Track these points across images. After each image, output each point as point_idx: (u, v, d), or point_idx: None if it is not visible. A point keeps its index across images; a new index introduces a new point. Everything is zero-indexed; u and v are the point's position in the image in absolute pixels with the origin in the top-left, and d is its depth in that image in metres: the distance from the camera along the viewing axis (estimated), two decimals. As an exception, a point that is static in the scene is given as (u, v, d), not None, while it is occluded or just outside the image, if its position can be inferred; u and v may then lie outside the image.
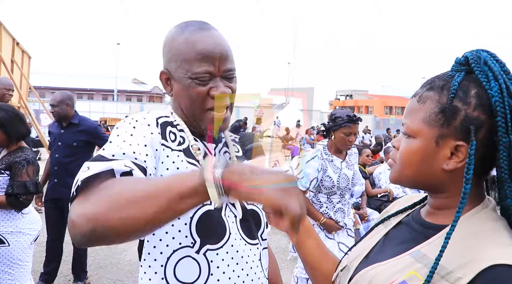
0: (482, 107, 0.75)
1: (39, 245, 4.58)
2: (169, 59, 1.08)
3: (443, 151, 0.78)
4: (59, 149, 3.60)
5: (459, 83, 0.77)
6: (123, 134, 0.95)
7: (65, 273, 4.00)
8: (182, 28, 1.07)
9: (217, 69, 1.04)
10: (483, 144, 0.75)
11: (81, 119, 3.70)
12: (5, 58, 6.89)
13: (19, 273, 2.54)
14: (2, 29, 6.94)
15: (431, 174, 0.81)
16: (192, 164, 1.05)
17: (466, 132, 0.75)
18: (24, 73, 8.36)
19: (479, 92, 0.76)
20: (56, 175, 3.59)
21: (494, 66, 0.76)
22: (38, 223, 2.69)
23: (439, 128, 0.78)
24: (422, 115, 0.80)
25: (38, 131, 8.18)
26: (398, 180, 0.86)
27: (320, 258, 1.02)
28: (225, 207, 1.07)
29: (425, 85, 0.83)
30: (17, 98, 6.93)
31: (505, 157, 0.73)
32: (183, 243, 1.00)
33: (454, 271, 0.70)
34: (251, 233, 1.12)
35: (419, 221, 0.87)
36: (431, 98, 0.80)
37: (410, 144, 0.82)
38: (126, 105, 33.65)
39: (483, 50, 0.79)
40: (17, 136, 2.57)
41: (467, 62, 0.79)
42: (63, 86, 35.02)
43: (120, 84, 45.21)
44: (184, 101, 1.08)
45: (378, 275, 0.81)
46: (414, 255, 0.79)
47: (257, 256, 1.12)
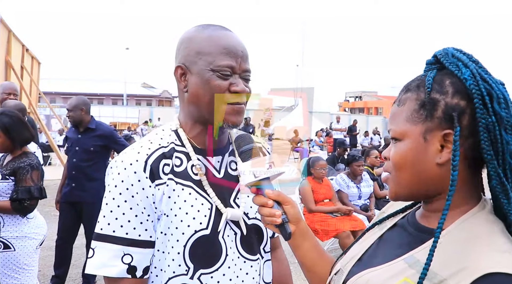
0: (459, 94, 0.75)
1: (49, 249, 4.62)
2: (186, 54, 1.07)
3: (433, 145, 0.77)
4: (76, 154, 3.66)
5: (433, 78, 0.79)
6: (114, 208, 1.01)
7: (73, 277, 4.02)
8: (204, 27, 1.09)
9: (238, 66, 1.05)
10: (470, 131, 0.75)
11: (97, 124, 3.78)
12: (14, 64, 6.99)
13: (25, 277, 2.55)
14: (12, 36, 7.04)
15: (427, 173, 0.78)
16: (186, 186, 1.05)
17: (450, 120, 0.75)
18: (34, 79, 8.46)
19: (453, 81, 0.77)
20: (74, 179, 3.65)
21: (462, 56, 0.78)
22: (44, 227, 2.70)
23: (423, 123, 0.77)
24: (404, 115, 0.80)
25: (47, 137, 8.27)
26: (395, 190, 0.83)
27: (315, 261, 1.01)
28: (224, 227, 1.07)
29: (402, 90, 0.84)
30: (27, 104, 7.01)
31: (486, 138, 0.73)
32: (177, 272, 1.03)
33: (448, 278, 0.68)
34: (252, 249, 1.12)
35: (414, 224, 0.85)
36: (410, 98, 0.80)
37: (399, 147, 0.81)
38: (135, 110, 33.93)
39: (449, 47, 0.81)
40: (21, 142, 2.59)
41: (437, 60, 0.81)
42: (73, 92, 35.36)
43: (130, 89, 45.57)
44: (202, 95, 1.05)
45: (371, 281, 0.79)
46: (407, 261, 0.77)
47: (258, 271, 1.13)
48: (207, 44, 1.05)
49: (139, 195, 1.01)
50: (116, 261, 0.99)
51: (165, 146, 1.08)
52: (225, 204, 1.08)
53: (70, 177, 3.68)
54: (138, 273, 1.01)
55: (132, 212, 1.01)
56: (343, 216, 4.66)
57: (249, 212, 1.12)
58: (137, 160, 1.02)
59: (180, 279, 1.03)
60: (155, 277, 1.05)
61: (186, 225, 1.02)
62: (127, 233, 1.00)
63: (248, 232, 1.11)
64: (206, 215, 1.04)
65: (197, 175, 1.07)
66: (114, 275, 0.99)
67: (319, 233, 4.53)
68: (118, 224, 1.00)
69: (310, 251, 1.01)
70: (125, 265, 1.00)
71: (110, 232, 1.00)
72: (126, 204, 1.01)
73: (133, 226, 1.01)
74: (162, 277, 1.04)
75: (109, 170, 1.07)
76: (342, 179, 5.13)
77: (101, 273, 1.00)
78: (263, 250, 1.16)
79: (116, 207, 1.01)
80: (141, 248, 1.01)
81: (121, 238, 1.00)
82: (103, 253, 1.00)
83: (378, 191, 5.50)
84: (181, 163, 1.07)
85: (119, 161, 1.04)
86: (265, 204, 0.96)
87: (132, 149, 1.07)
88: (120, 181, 1.01)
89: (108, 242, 1.00)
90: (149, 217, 1.02)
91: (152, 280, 1.05)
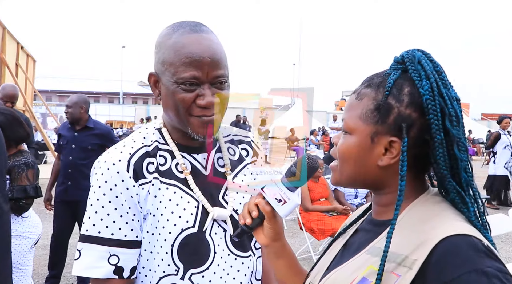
0: (414, 106, 0.77)
1: (44, 248, 4.60)
2: (156, 62, 1.05)
3: (378, 148, 0.80)
4: (73, 152, 3.64)
5: (394, 81, 0.79)
6: (99, 209, 1.01)
7: (68, 276, 4.01)
8: (173, 30, 1.03)
9: (205, 75, 0.98)
10: (415, 142, 0.77)
11: (95, 123, 3.80)
12: (9, 62, 6.94)
13: (19, 277, 2.53)
14: (6, 33, 7.00)
15: (367, 170, 0.82)
16: (170, 185, 1.04)
17: (399, 129, 0.77)
18: (29, 77, 8.42)
19: (411, 91, 0.78)
20: (70, 177, 3.63)
21: (427, 65, 0.78)
22: (38, 226, 2.69)
23: (374, 126, 0.80)
24: (359, 112, 0.82)
25: (43, 135, 8.24)
26: (337, 178, 0.87)
27: (288, 278, 0.99)
28: (211, 225, 1.06)
29: (364, 82, 0.85)
30: (22, 102, 6.97)
31: (441, 153, 0.76)
32: (167, 271, 1.02)
33: (409, 255, 0.71)
34: (242, 245, 1.11)
35: (370, 221, 0.89)
36: (368, 95, 0.82)
37: (347, 140, 0.84)
38: (132, 108, 33.84)
39: (418, 50, 0.82)
40: (16, 140, 2.57)
41: (403, 61, 0.82)
42: (69, 90, 35.23)
43: (126, 87, 45.46)
44: (170, 106, 1.03)
45: (338, 278, 0.81)
46: (369, 251, 0.80)
47: (250, 268, 1.12)
48: (171, 53, 0.99)
49: (123, 195, 1.00)
50: (102, 262, 0.99)
51: (148, 144, 1.07)
52: (213, 201, 1.07)
53: (65, 175, 3.65)
54: (125, 274, 1.01)
55: (117, 212, 1.00)
56: (339, 215, 4.66)
57: (239, 208, 1.11)
58: (120, 160, 1.02)
59: (171, 279, 1.02)
60: (144, 277, 1.04)
61: (173, 224, 1.01)
62: (112, 233, 1.00)
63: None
64: (193, 213, 1.03)
65: (182, 173, 1.06)
66: (101, 276, 0.99)
67: (315, 232, 4.53)
68: (103, 225, 1.00)
69: (283, 269, 0.99)
70: (112, 266, 0.99)
71: (96, 233, 1.00)
72: (111, 205, 1.00)
73: (118, 227, 1.00)
74: (152, 277, 1.03)
75: (93, 171, 1.06)
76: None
77: (88, 274, 1.00)
78: (254, 247, 1.15)
79: (100, 208, 1.00)
80: (128, 249, 1.01)
81: (107, 239, 1.00)
82: (89, 255, 1.00)
83: (375, 190, 5.50)
84: (165, 162, 1.06)
85: (102, 161, 1.03)
86: (263, 208, 0.91)
87: (115, 148, 1.06)
88: (104, 181, 1.00)
89: (94, 243, 1.00)
90: (135, 216, 1.02)
91: (141, 280, 1.05)
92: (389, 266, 0.72)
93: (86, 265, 0.99)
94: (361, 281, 0.76)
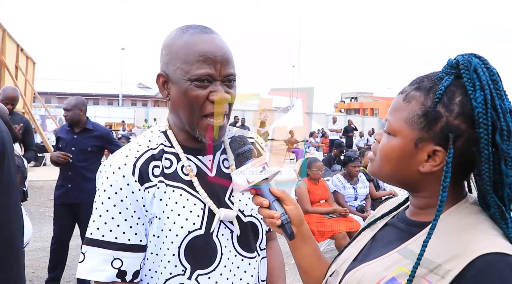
0: (464, 117, 0.75)
1: (43, 250, 4.59)
2: (167, 62, 1.05)
3: (421, 154, 0.79)
4: (72, 154, 3.63)
5: (445, 88, 0.77)
6: (103, 212, 1.01)
7: (68, 279, 4.00)
8: (183, 31, 1.05)
9: (218, 73, 1.01)
10: (460, 152, 0.76)
11: (94, 125, 3.80)
12: (9, 64, 6.94)
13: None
14: (6, 35, 7.00)
15: (407, 173, 0.82)
16: (176, 187, 1.05)
17: (445, 139, 0.76)
18: (29, 79, 8.42)
19: (463, 101, 0.76)
20: (70, 180, 3.62)
21: (483, 74, 0.75)
22: (29, 231, 2.66)
23: (420, 132, 0.78)
24: (405, 115, 0.80)
25: (42, 137, 8.23)
26: (376, 173, 0.88)
27: (313, 265, 1.01)
28: (218, 226, 1.06)
29: (413, 83, 0.83)
30: (21, 104, 6.97)
31: (487, 169, 0.74)
32: (173, 272, 1.03)
33: (443, 264, 0.71)
34: (249, 246, 1.11)
35: (404, 220, 0.88)
36: (417, 99, 0.80)
37: (391, 141, 0.83)
38: (131, 110, 33.80)
39: (475, 56, 0.78)
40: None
41: (458, 66, 0.79)
42: (68, 92, 35.17)
43: (125, 89, 45.42)
44: (181, 105, 1.04)
45: (367, 274, 0.81)
46: (401, 252, 0.79)
47: (256, 269, 1.13)
48: (183, 52, 1.02)
49: (128, 198, 1.00)
50: (105, 266, 0.99)
51: (154, 147, 1.07)
52: (219, 202, 1.07)
53: (65, 177, 3.64)
54: (128, 277, 1.01)
55: (121, 216, 1.01)
56: (339, 217, 4.67)
57: (245, 209, 1.11)
58: (126, 164, 1.02)
59: (178, 279, 1.02)
60: (150, 279, 1.05)
61: (179, 226, 1.02)
62: (116, 237, 1.00)
63: (244, 230, 1.10)
64: (199, 215, 1.04)
65: (188, 175, 1.06)
66: (104, 280, 1.00)
67: (315, 234, 4.53)
68: (107, 229, 1.00)
69: (309, 255, 1.01)
70: (115, 270, 1.00)
71: (100, 236, 1.00)
72: (115, 208, 1.00)
73: (122, 230, 1.01)
74: (158, 279, 1.03)
75: (98, 174, 1.07)
76: (339, 179, 5.14)
77: (91, 277, 1.00)
78: (259, 248, 1.16)
79: (105, 212, 1.01)
80: (131, 252, 1.01)
81: (111, 243, 1.00)
82: (93, 258, 1.00)
83: (374, 192, 5.51)
84: (171, 164, 1.07)
85: (107, 165, 1.04)
86: (260, 203, 0.96)
87: (120, 152, 1.06)
88: (109, 185, 1.01)
89: (98, 246, 1.00)
90: (140, 220, 1.02)
91: (147, 282, 1.05)
92: (421, 271, 0.72)
93: (90, 268, 1.00)
94: (390, 281, 0.76)
